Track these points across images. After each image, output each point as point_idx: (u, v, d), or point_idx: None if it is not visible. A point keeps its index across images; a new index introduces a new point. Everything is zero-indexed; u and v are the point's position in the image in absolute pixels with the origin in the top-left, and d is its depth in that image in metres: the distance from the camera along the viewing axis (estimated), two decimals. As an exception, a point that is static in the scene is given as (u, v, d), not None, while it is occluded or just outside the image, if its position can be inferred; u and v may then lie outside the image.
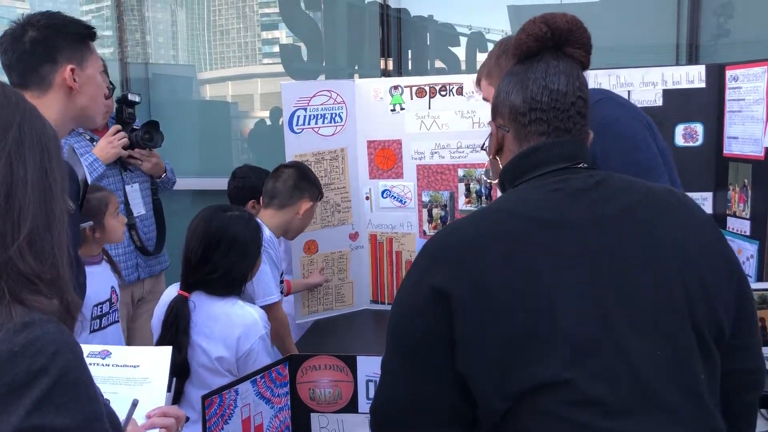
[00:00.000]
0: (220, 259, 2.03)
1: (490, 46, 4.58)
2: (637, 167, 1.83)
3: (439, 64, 4.65)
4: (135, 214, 2.88)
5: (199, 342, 2.07)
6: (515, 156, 1.22)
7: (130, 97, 2.86)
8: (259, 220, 2.53)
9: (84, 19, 5.42)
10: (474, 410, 1.10)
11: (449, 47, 4.67)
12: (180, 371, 2.04)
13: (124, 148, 2.79)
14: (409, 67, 4.51)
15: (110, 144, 2.75)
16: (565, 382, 1.02)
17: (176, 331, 2.01)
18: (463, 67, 4.54)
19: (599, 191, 1.15)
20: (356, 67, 4.71)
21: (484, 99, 2.10)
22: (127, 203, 2.86)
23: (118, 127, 2.80)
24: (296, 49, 4.93)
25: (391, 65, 4.36)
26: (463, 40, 4.63)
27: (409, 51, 4.53)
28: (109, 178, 2.81)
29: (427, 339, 1.10)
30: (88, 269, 2.35)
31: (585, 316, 1.05)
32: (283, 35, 5.10)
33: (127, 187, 2.88)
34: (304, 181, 2.58)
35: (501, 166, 1.27)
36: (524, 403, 1.04)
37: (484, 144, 1.35)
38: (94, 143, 2.82)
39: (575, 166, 1.19)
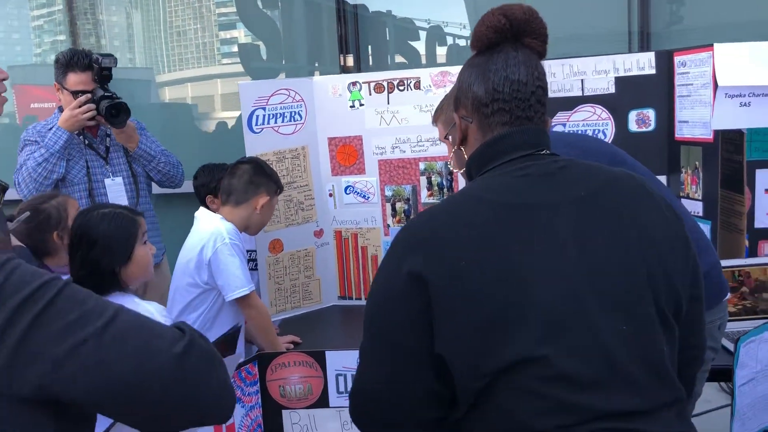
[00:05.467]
0: (84, 257, 2.00)
1: (450, 40, 4.64)
2: None
3: (399, 58, 4.68)
4: None
5: None
6: (481, 145, 1.25)
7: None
8: (220, 216, 2.53)
9: (35, 24, 5.34)
10: (452, 391, 1.14)
11: (409, 41, 4.69)
12: None
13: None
14: (370, 63, 4.53)
15: (73, 116, 2.81)
16: (539, 359, 1.07)
17: None
18: (424, 60, 4.57)
19: (564, 175, 1.20)
20: (316, 65, 4.72)
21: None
22: (91, 191, 2.91)
23: (83, 99, 2.83)
24: (255, 48, 4.91)
25: (351, 62, 4.38)
26: (423, 34, 4.66)
27: (369, 47, 4.54)
28: (73, 149, 2.90)
29: (405, 323, 1.13)
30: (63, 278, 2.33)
31: (556, 295, 1.09)
32: (241, 35, 5.08)
33: (107, 180, 2.94)
34: (259, 176, 2.56)
35: (466, 156, 1.30)
36: (500, 381, 1.08)
37: (447, 134, 1.38)
38: (82, 136, 2.93)
39: (538, 153, 1.23)
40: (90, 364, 0.89)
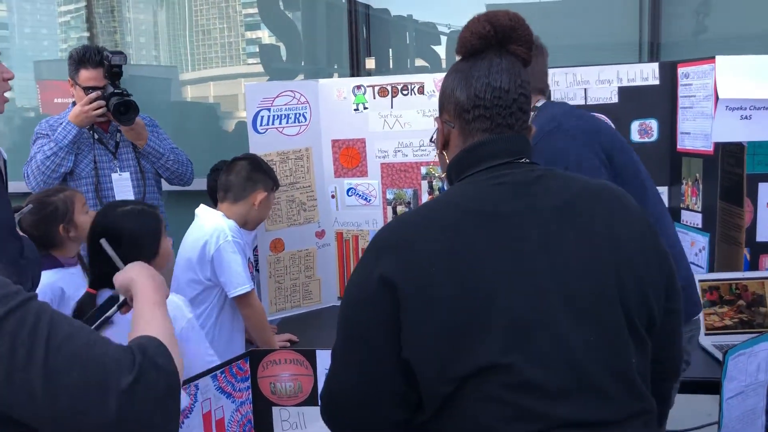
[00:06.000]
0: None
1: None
2: None
3: (419, 62, 4.70)
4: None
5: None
6: (461, 151, 1.26)
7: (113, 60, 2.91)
8: (221, 213, 2.57)
9: (62, 20, 5.46)
10: (419, 394, 1.15)
11: (430, 46, 4.72)
12: None
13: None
14: (390, 66, 4.56)
15: (84, 111, 2.86)
16: (505, 367, 1.08)
17: None
18: (444, 65, 4.58)
19: (540, 185, 1.20)
20: (336, 67, 4.75)
21: None
22: (97, 185, 2.94)
23: (94, 96, 2.87)
24: (276, 49, 4.96)
25: (372, 64, 4.41)
26: (443, 39, 4.67)
27: (390, 50, 4.57)
28: (83, 143, 2.95)
29: (375, 327, 1.14)
30: (68, 270, 2.40)
31: (524, 303, 1.10)
32: (265, 35, 5.13)
33: (114, 175, 2.99)
34: (257, 173, 2.59)
35: (448, 161, 1.31)
36: (466, 387, 1.09)
37: (432, 137, 1.39)
38: (92, 131, 2.97)
39: (518, 161, 1.23)
40: (28, 393, 0.88)
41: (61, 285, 2.30)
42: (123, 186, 2.97)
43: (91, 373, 0.91)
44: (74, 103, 3.01)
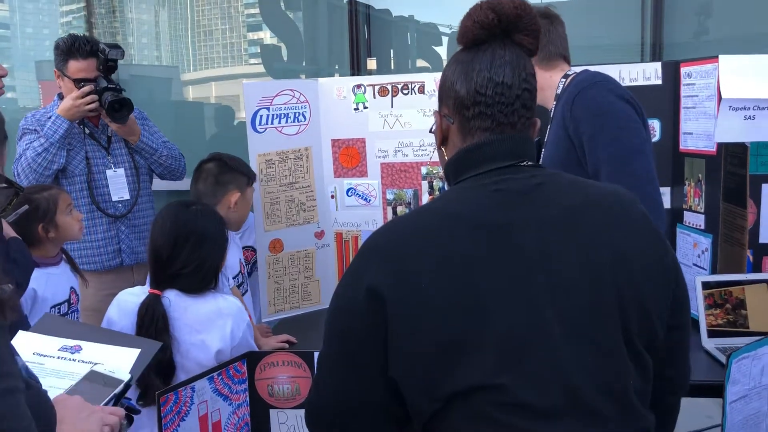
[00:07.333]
0: (190, 254, 2.05)
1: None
2: (624, 148, 1.87)
3: (420, 63, 4.69)
4: (116, 199, 2.93)
5: (195, 341, 2.08)
6: (459, 150, 1.21)
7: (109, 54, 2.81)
8: None
9: (64, 20, 5.45)
10: (406, 409, 1.12)
11: (432, 46, 4.70)
12: (167, 370, 2.06)
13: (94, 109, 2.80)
14: (391, 67, 4.55)
15: (75, 105, 2.75)
16: (497, 387, 1.04)
17: (155, 330, 2.02)
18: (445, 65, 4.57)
19: (539, 193, 1.14)
20: (336, 67, 4.74)
21: None
22: (90, 182, 2.87)
23: (87, 90, 2.78)
24: (277, 49, 4.96)
25: (373, 65, 4.41)
26: (444, 40, 4.66)
27: (391, 51, 4.56)
28: (73, 138, 2.86)
29: (361, 338, 1.11)
30: (46, 270, 2.36)
31: (518, 320, 1.06)
32: (267, 36, 5.12)
33: (109, 172, 2.91)
34: (225, 174, 2.52)
35: (446, 157, 1.25)
36: (455, 404, 1.06)
37: (432, 128, 1.32)
38: (82, 126, 2.89)
39: (519, 164, 1.18)
40: None
41: (33, 286, 2.25)
42: (118, 183, 2.90)
43: None
44: (60, 96, 2.90)
